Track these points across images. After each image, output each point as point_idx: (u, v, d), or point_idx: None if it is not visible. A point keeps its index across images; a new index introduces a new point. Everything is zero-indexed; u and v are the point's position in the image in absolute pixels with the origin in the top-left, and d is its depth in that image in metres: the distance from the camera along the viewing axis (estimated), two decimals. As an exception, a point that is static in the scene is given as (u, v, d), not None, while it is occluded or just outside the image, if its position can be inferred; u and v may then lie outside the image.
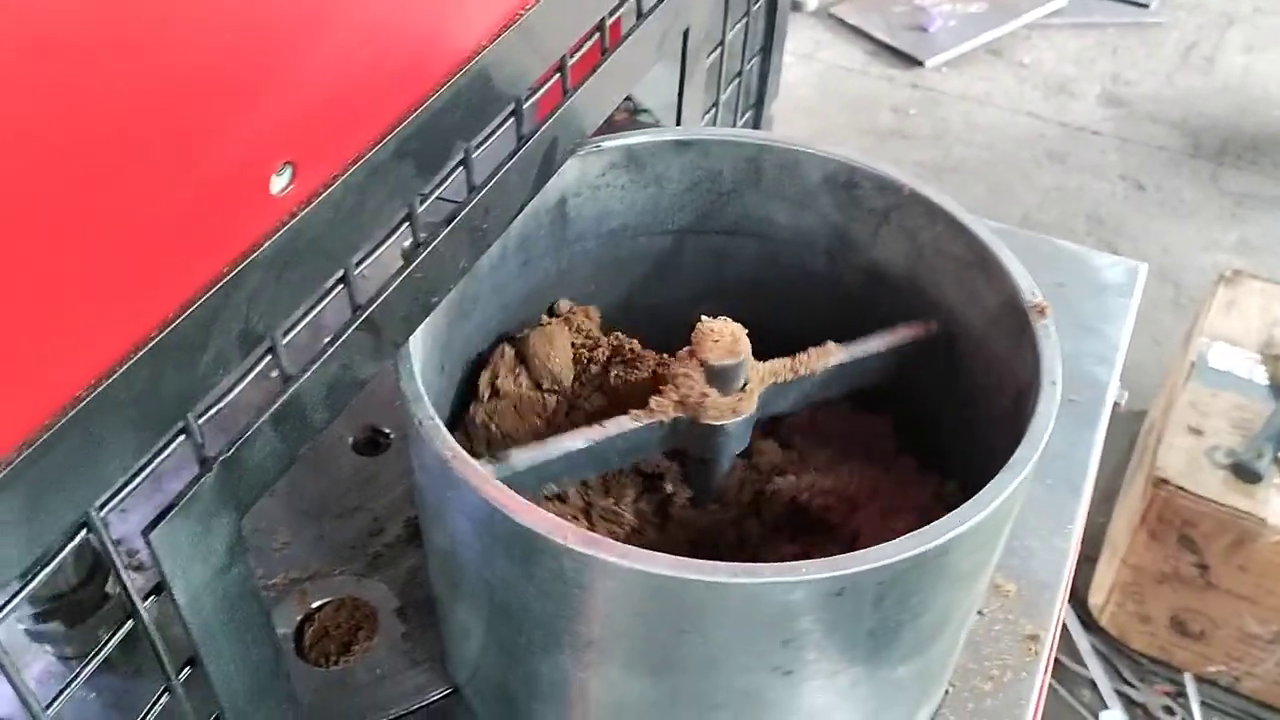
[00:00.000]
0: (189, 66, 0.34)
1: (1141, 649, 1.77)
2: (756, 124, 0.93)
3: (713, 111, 0.82)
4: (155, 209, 0.35)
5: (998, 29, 3.27)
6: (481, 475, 0.46)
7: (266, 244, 0.40)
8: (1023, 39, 3.29)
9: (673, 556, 0.44)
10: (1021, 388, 0.54)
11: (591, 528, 0.59)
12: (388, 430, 0.78)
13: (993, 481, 0.46)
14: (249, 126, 0.38)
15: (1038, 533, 0.69)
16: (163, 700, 0.43)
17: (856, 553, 0.44)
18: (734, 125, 0.88)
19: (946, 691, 0.62)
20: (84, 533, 0.37)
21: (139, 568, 0.70)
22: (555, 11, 0.54)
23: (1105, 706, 1.71)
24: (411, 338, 0.52)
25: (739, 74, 0.85)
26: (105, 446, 0.36)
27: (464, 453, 0.48)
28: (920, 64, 3.15)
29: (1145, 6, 3.37)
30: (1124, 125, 2.92)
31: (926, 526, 0.44)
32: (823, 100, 3.02)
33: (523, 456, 0.53)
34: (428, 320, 0.53)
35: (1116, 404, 0.82)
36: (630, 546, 0.44)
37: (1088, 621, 1.79)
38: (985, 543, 0.49)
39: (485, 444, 0.61)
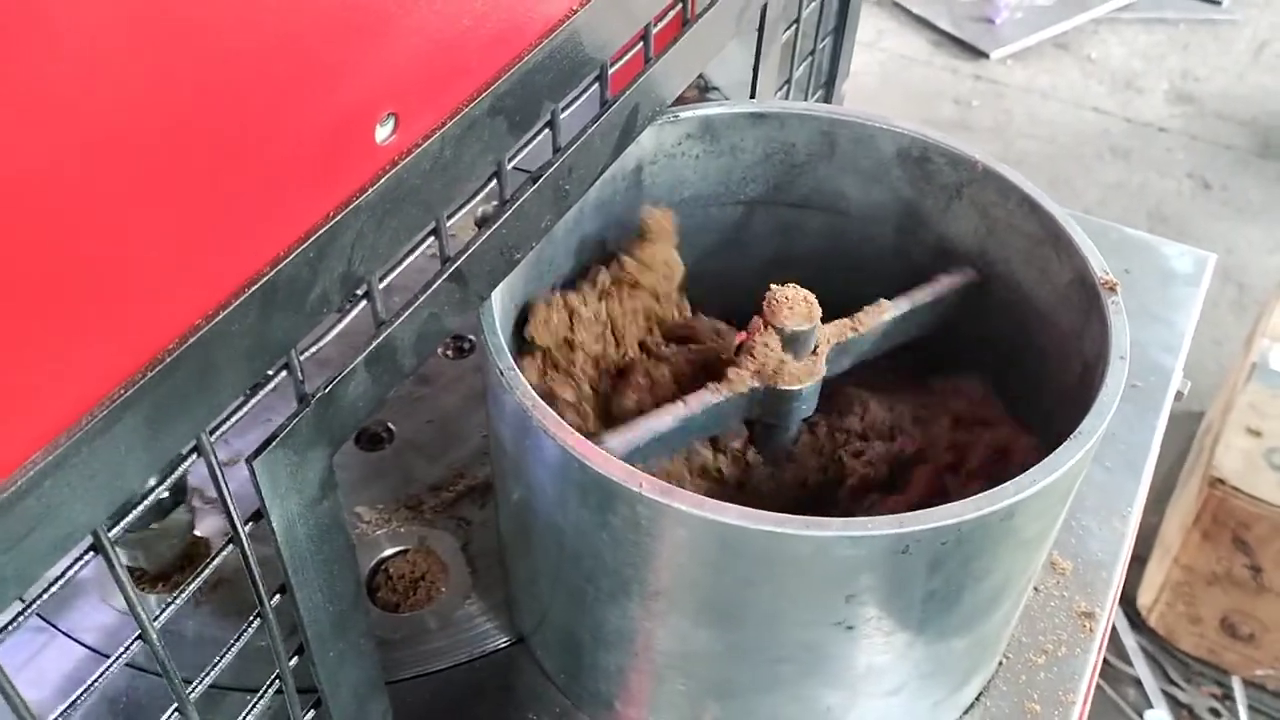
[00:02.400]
0: (310, 14, 0.36)
1: (1190, 650, 1.76)
2: (826, 103, 0.93)
3: (784, 89, 0.83)
4: (273, 152, 0.37)
5: (1065, 22, 3.23)
6: (560, 424, 0.48)
7: (370, 190, 0.42)
8: (1090, 33, 3.24)
9: (743, 507, 0.46)
10: (1088, 362, 0.55)
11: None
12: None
13: (1060, 448, 0.47)
14: (359, 75, 0.39)
15: (1096, 513, 0.70)
16: (254, 624, 0.45)
17: (922, 511, 0.45)
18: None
19: (1000, 662, 0.63)
20: (194, 456, 0.39)
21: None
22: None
23: (1150, 706, 1.70)
24: (494, 292, 0.54)
25: (811, 53, 0.86)
26: (219, 374, 0.38)
27: (543, 403, 0.49)
28: (985, 56, 3.12)
29: (1217, 3, 3.31)
30: (1192, 122, 2.87)
31: (993, 489, 0.45)
32: (884, 89, 3.01)
33: (616, 441, 0.54)
34: (507, 277, 0.55)
35: (1179, 393, 0.82)
36: (703, 496, 0.46)
37: (1136, 621, 1.78)
38: (1049, 509, 0.50)
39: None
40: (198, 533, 0.70)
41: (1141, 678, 1.72)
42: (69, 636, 0.68)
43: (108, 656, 0.68)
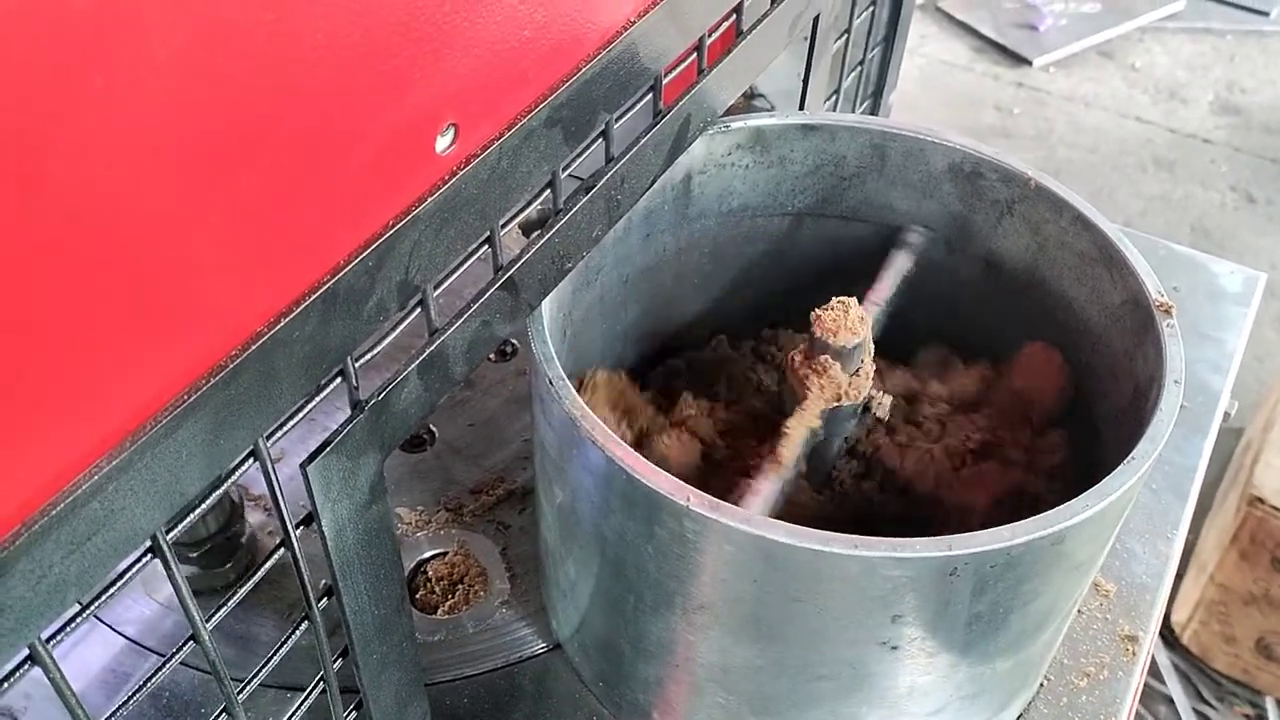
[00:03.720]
0: (375, 26, 0.36)
1: (1223, 669, 1.73)
2: (874, 113, 0.93)
3: (833, 99, 0.83)
4: (337, 161, 0.37)
5: (1110, 30, 3.19)
6: (608, 434, 0.48)
7: (429, 200, 0.42)
8: (1135, 42, 3.21)
9: (791, 525, 0.45)
10: (1140, 385, 0.54)
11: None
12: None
13: (1113, 474, 0.46)
14: (422, 86, 0.40)
15: (1141, 536, 0.69)
16: (302, 627, 0.46)
17: (971, 534, 0.45)
18: (853, 113, 0.89)
19: (1041, 684, 0.62)
20: (251, 461, 0.39)
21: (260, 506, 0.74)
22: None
23: (1182, 724, 1.68)
24: (543, 302, 0.54)
25: (861, 63, 0.86)
26: (279, 381, 0.38)
27: (591, 412, 0.49)
28: (1028, 63, 3.09)
29: (1265, 15, 3.27)
30: (1237, 135, 2.83)
31: (1044, 513, 0.45)
32: (925, 95, 2.99)
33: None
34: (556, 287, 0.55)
35: (1226, 414, 0.81)
36: (750, 512, 0.45)
37: (1169, 638, 1.76)
38: (1099, 535, 0.49)
39: None
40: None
41: (1174, 696, 1.70)
42: (111, 628, 0.69)
43: (148, 648, 0.69)
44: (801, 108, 0.76)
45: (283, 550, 0.43)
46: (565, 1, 0.46)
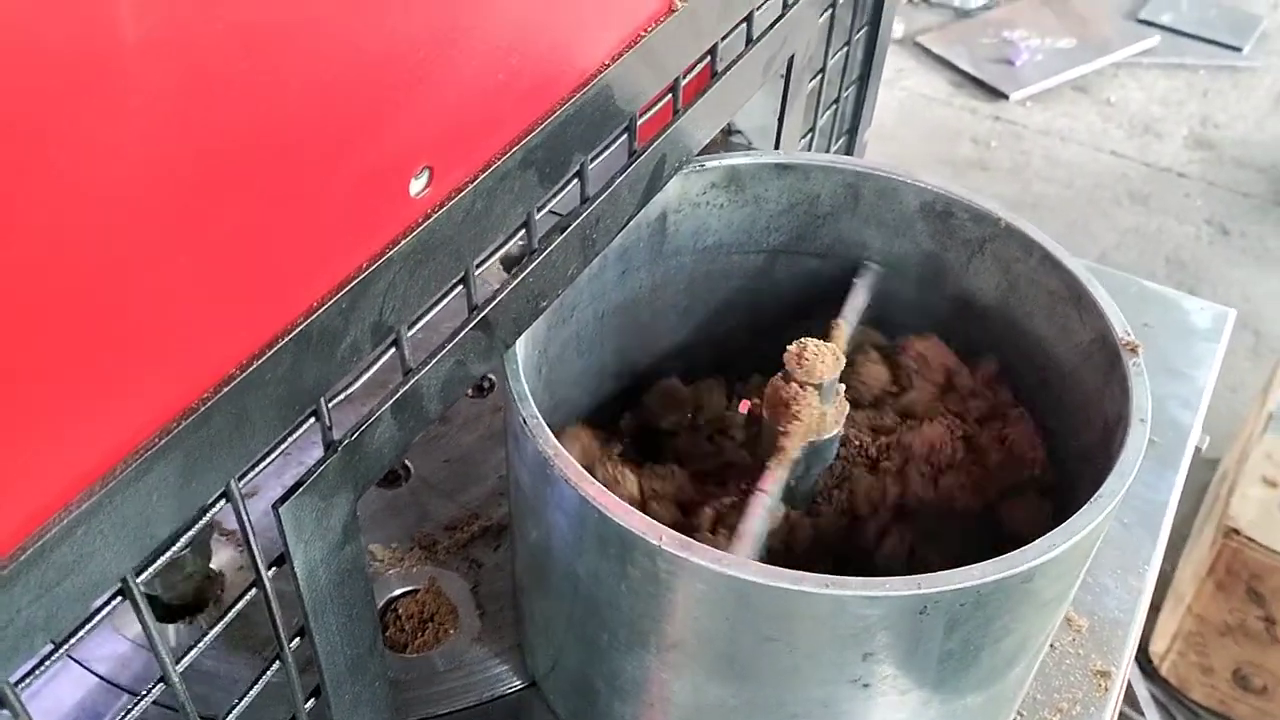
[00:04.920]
0: (351, 74, 0.37)
1: (1201, 700, 1.74)
2: (849, 150, 0.94)
3: (809, 136, 0.84)
4: (310, 205, 0.38)
5: (1085, 65, 3.24)
6: (581, 473, 0.48)
7: (403, 242, 0.42)
8: (1110, 77, 3.26)
9: (762, 564, 0.46)
10: (1109, 423, 0.55)
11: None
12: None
13: (1080, 511, 0.47)
14: (396, 131, 0.40)
15: (1113, 571, 0.69)
16: (274, 667, 0.46)
17: (941, 573, 0.45)
18: (828, 150, 0.90)
19: (1014, 720, 0.62)
20: (222, 503, 0.39)
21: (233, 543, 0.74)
22: (673, 35, 0.56)
23: (1161, 756, 1.68)
24: (518, 340, 0.54)
25: (836, 101, 0.87)
26: (250, 422, 0.38)
27: (565, 452, 0.50)
28: (1004, 97, 3.13)
29: (1239, 50, 3.32)
30: (1210, 169, 2.87)
31: (1012, 552, 0.46)
32: (903, 128, 3.02)
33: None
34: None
35: (1197, 449, 0.82)
36: (721, 551, 0.46)
37: (1147, 669, 1.76)
38: (1068, 571, 0.50)
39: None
40: (213, 565, 0.70)
41: (1152, 728, 1.70)
42: (82, 665, 0.69)
43: (119, 686, 0.68)
44: (777, 146, 0.77)
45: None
46: (540, 46, 0.46)
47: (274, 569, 0.43)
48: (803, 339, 0.58)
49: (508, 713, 0.64)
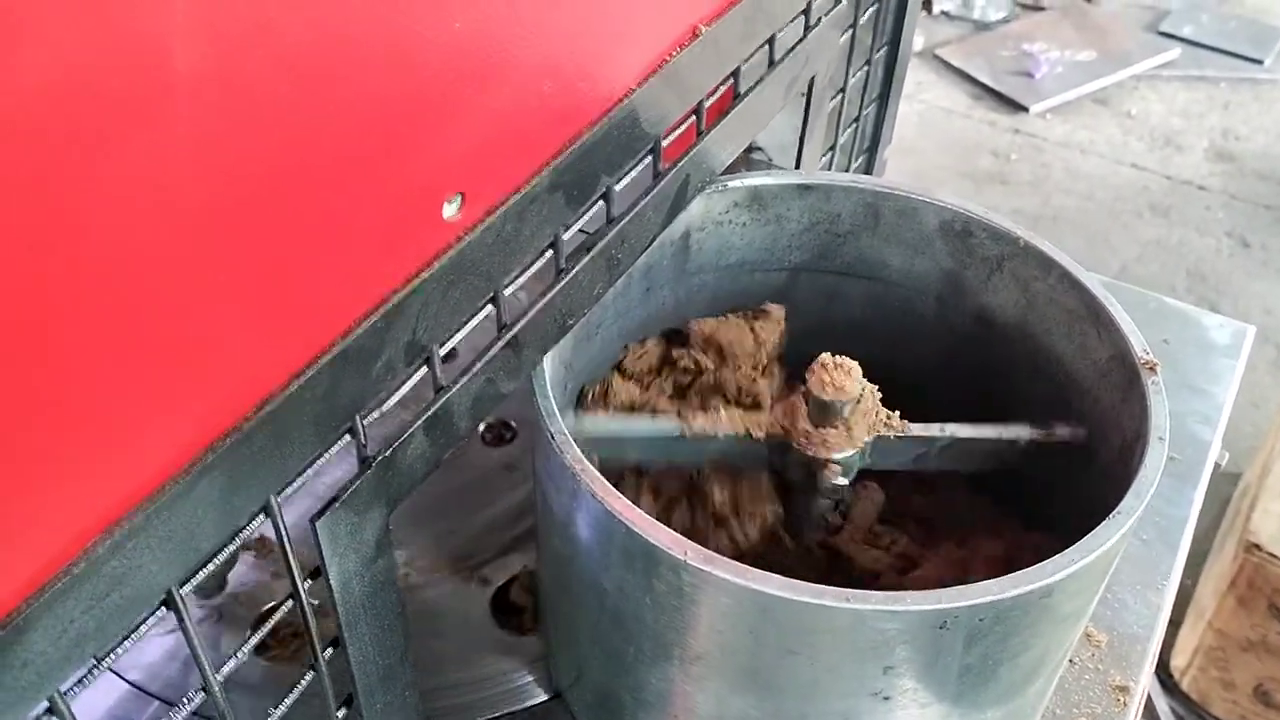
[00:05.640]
0: (391, 103, 0.38)
1: (1222, 715, 1.73)
2: (869, 168, 0.95)
3: (829, 154, 0.85)
4: (350, 230, 0.39)
5: (1105, 78, 3.24)
6: (608, 488, 0.50)
7: (436, 264, 0.44)
8: (1130, 89, 3.25)
9: (785, 578, 0.47)
10: (1127, 440, 0.55)
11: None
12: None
13: (1099, 528, 0.48)
14: (431, 157, 0.41)
15: (1132, 587, 0.70)
16: (307, 677, 0.47)
17: (962, 587, 0.46)
18: (849, 168, 0.91)
19: (1033, 737, 0.63)
20: (261, 517, 0.41)
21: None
22: (697, 58, 0.57)
23: (1182, 771, 1.67)
24: (545, 357, 0.55)
25: (856, 119, 0.88)
26: (289, 440, 0.39)
27: (591, 467, 0.51)
28: (1024, 109, 3.13)
29: (1260, 63, 3.31)
30: (1231, 181, 2.87)
31: (1032, 567, 0.46)
32: (923, 140, 3.03)
33: (598, 423, 0.56)
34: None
35: (1216, 464, 0.82)
36: (746, 566, 0.47)
37: (1168, 684, 1.76)
38: (1086, 587, 0.50)
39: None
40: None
41: (1174, 743, 1.70)
42: (114, 672, 0.70)
43: (150, 693, 0.70)
44: (798, 165, 0.78)
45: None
46: (570, 72, 0.48)
47: (309, 581, 0.44)
48: (822, 357, 0.59)
49: (534, 723, 0.65)
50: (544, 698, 0.65)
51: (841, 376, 0.58)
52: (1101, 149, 3.01)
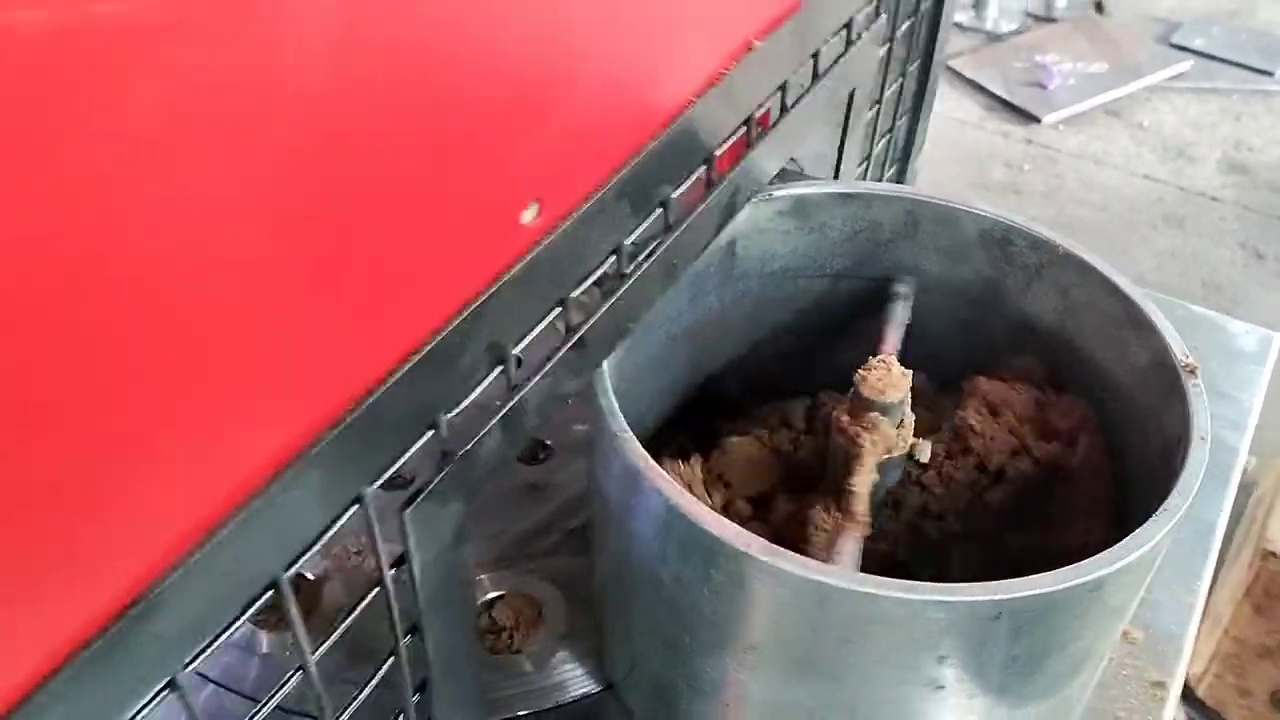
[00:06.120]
0: (477, 117, 0.40)
1: (1240, 724, 1.74)
2: (901, 177, 0.97)
3: (864, 165, 0.87)
4: (441, 236, 0.41)
5: (1117, 90, 3.26)
6: (671, 484, 0.52)
7: (514, 267, 0.46)
8: (1142, 101, 3.27)
9: (844, 570, 0.49)
10: (1169, 442, 0.57)
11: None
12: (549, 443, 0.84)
13: (1147, 523, 0.50)
14: (516, 165, 0.44)
15: (1167, 586, 0.72)
16: (389, 662, 0.49)
17: (1014, 580, 0.48)
18: (881, 178, 0.93)
19: (1074, 728, 0.65)
20: (355, 506, 0.43)
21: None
22: (749, 72, 0.60)
23: (1199, 777, 1.68)
24: (605, 359, 0.58)
25: (890, 130, 0.90)
26: (381, 434, 0.42)
27: (654, 463, 0.53)
28: (1037, 120, 3.16)
29: (1270, 75, 3.33)
30: (1245, 193, 2.88)
31: (1083, 561, 0.48)
32: (936, 151, 3.05)
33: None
34: (617, 344, 0.58)
35: (1244, 469, 0.84)
36: (807, 558, 0.49)
37: (1185, 691, 1.77)
38: (1134, 581, 0.52)
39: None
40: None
41: (1192, 750, 1.71)
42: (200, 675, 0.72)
43: (205, 677, 0.72)
44: (836, 175, 0.81)
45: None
46: (637, 84, 0.50)
47: (394, 569, 0.46)
48: (870, 360, 0.61)
49: (586, 716, 0.67)
50: (597, 689, 0.67)
51: (898, 373, 0.60)
52: (1115, 160, 3.03)
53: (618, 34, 0.47)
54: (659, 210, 0.57)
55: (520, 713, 0.67)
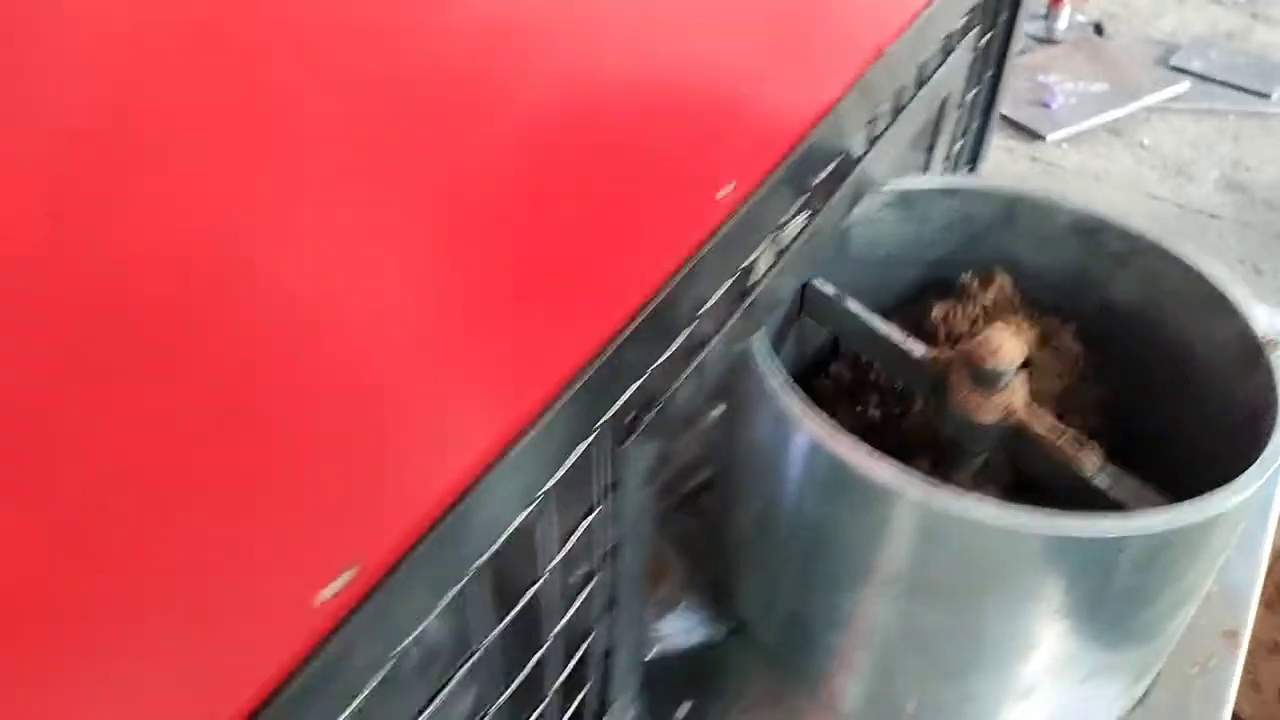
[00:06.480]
0: (702, 114, 0.48)
1: (1249, 717, 1.81)
2: (971, 173, 1.05)
3: (946, 164, 0.95)
4: (668, 210, 0.48)
5: (1118, 109, 3.36)
6: (831, 431, 0.58)
7: (712, 237, 0.53)
8: (1142, 120, 3.37)
9: (992, 505, 0.55)
10: (1255, 411, 0.65)
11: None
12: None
13: (1251, 469, 0.57)
14: (721, 147, 0.51)
15: (1237, 545, 0.79)
16: (595, 578, 0.56)
17: (1139, 513, 0.55)
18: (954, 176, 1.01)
19: (1158, 674, 0.72)
20: (587, 441, 0.49)
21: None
22: (879, 74, 0.67)
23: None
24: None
25: (965, 133, 0.98)
26: (613, 384, 0.48)
27: (811, 411, 0.60)
28: (1041, 138, 3.25)
29: (1267, 96, 3.44)
30: (1243, 211, 2.98)
31: (1197, 499, 0.55)
32: (946, 167, 3.13)
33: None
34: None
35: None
36: (961, 494, 0.56)
37: (1198, 682, 1.84)
38: (1234, 525, 0.59)
39: None
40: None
41: (1205, 738, 1.78)
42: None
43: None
44: (925, 172, 0.88)
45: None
46: (795, 88, 0.57)
47: (610, 495, 0.53)
48: (988, 330, 0.68)
49: (716, 655, 0.73)
50: (725, 630, 0.74)
51: (1006, 344, 0.67)
52: (1116, 177, 3.12)
53: (793, 50, 0.55)
54: (807, 195, 0.64)
55: (650, 656, 0.73)
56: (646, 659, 0.72)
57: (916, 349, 0.69)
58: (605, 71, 0.39)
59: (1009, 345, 0.65)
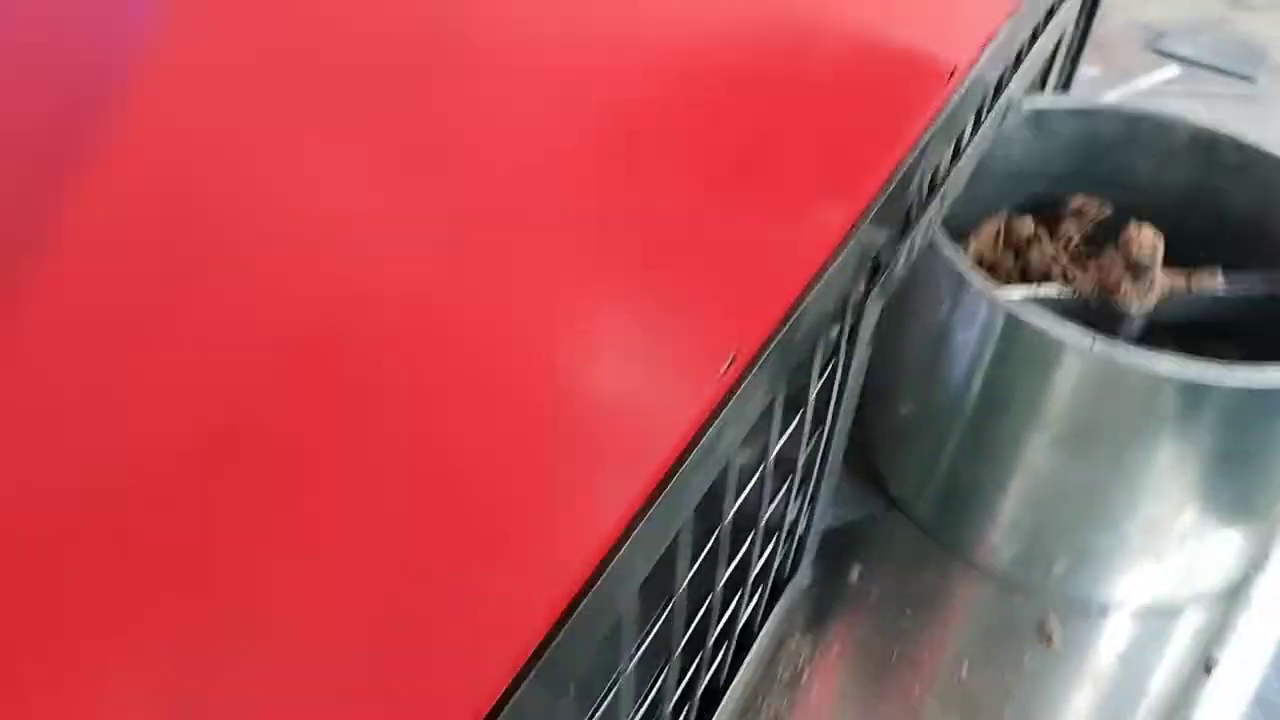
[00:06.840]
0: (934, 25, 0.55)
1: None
2: (1066, 88, 1.13)
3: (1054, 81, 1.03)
4: (910, 90, 0.55)
5: (1112, 93, 3.46)
6: (1009, 297, 0.66)
7: (938, 119, 0.60)
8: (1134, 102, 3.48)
9: (1172, 357, 0.62)
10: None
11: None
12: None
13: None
14: (949, 46, 0.58)
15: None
16: (819, 432, 0.62)
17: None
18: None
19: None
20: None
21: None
22: (1019, 22, 0.74)
23: None
24: (936, 219, 0.71)
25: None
26: (846, 269, 0.55)
27: (993, 286, 0.67)
28: (1041, 117, 3.34)
29: (1253, 81, 3.56)
30: (1236, 186, 3.09)
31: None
32: (951, 144, 3.21)
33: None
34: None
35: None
36: (1142, 349, 0.63)
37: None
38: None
39: None
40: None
41: None
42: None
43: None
44: (1066, 88, 0.96)
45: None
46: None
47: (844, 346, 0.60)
48: (1130, 226, 0.76)
49: (873, 527, 0.80)
50: (880, 506, 0.81)
51: (1150, 241, 0.75)
52: (1115, 155, 3.22)
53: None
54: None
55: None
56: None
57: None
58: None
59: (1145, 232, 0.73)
